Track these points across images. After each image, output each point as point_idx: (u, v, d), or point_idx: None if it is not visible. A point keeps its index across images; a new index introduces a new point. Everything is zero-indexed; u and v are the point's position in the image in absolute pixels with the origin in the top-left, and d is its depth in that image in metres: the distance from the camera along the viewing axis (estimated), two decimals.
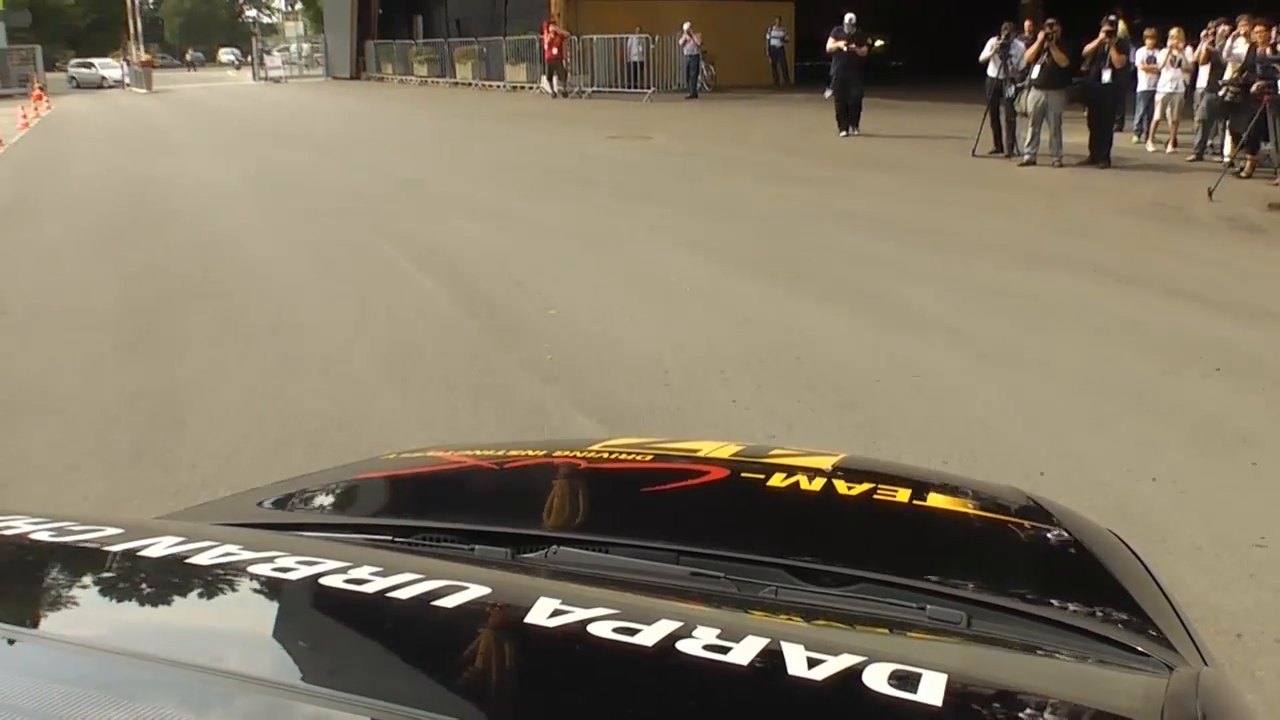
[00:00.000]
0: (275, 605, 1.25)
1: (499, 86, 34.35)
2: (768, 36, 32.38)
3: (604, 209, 12.24)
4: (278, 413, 5.75)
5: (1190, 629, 1.65)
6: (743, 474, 2.14)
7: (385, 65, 45.07)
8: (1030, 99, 14.99)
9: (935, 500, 2.02)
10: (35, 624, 1.16)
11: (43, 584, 1.30)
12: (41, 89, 40.73)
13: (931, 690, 1.03)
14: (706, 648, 1.08)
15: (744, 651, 1.08)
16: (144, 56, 47.25)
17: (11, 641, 1.06)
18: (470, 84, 36.24)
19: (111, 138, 23.52)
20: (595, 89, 30.26)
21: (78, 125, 27.61)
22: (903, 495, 1.99)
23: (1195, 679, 1.30)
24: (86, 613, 1.22)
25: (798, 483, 1.99)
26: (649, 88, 29.05)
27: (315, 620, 1.23)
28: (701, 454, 2.23)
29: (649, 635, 1.10)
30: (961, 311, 7.53)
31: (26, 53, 44.94)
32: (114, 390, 6.16)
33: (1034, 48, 14.95)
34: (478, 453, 2.34)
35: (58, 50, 68.25)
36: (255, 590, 1.25)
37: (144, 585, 1.30)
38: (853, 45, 18.79)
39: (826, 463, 2.12)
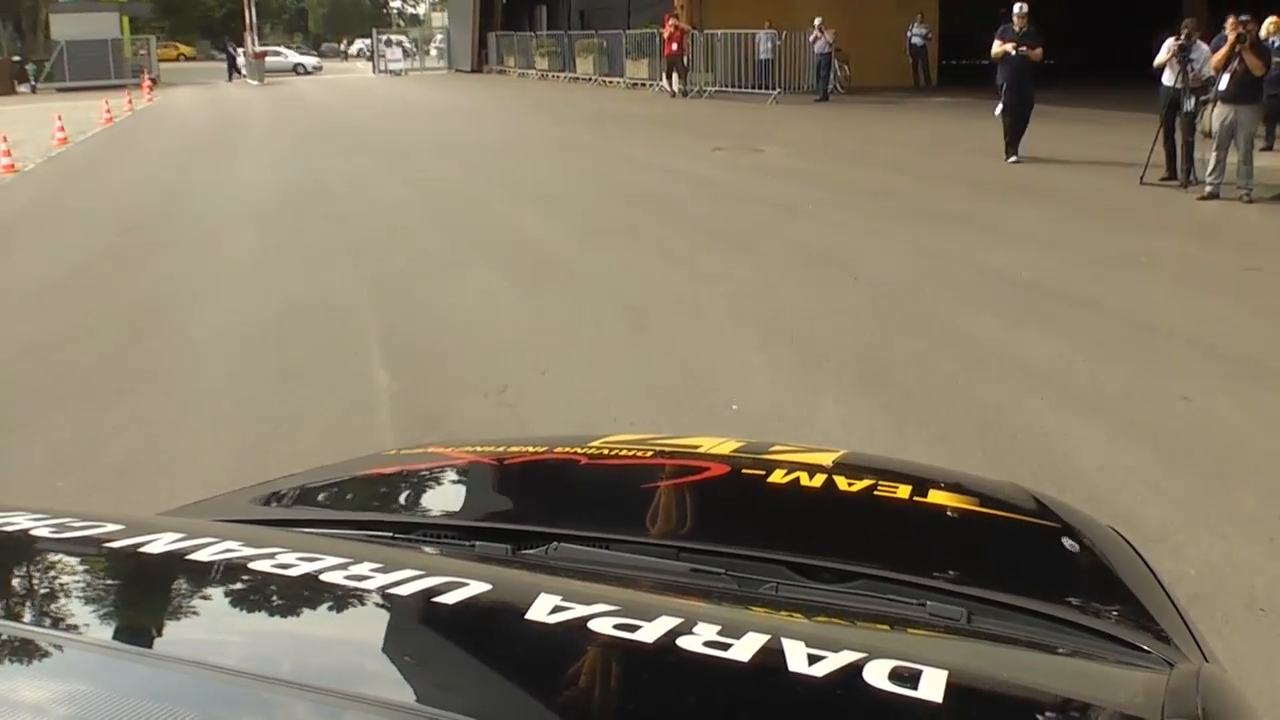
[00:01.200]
0: (276, 602, 1.24)
1: (618, 83, 32.39)
2: (908, 34, 29.21)
3: (673, 258, 9.58)
4: None
5: (1191, 625, 1.64)
6: (743, 470, 2.17)
7: (507, 58, 43.65)
8: (1215, 115, 12.00)
9: (936, 497, 2.01)
10: (35, 621, 1.15)
11: (43, 580, 1.29)
12: (154, 80, 40.96)
13: (932, 686, 1.03)
14: (707, 644, 1.08)
15: (744, 648, 1.08)
16: (257, 49, 46.55)
17: (11, 639, 1.06)
18: (590, 79, 34.33)
19: (180, 136, 22.50)
20: (718, 88, 27.79)
21: (159, 122, 26.42)
22: (903, 492, 1.98)
23: (1196, 675, 1.29)
24: (86, 609, 1.21)
25: (798, 479, 1.98)
26: (775, 89, 26.47)
27: (316, 616, 1.22)
28: (702, 450, 2.22)
29: (649, 632, 1.10)
30: (1198, 515, 4.57)
31: (142, 42, 44.94)
32: None
33: (1222, 52, 11.79)
34: (478, 449, 2.34)
35: (193, 40, 67.72)
36: (256, 587, 1.24)
37: (144, 582, 1.30)
38: (1024, 47, 14.64)
39: (827, 459, 2.13)
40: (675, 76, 28.33)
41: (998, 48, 14.82)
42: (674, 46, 28.02)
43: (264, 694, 0.97)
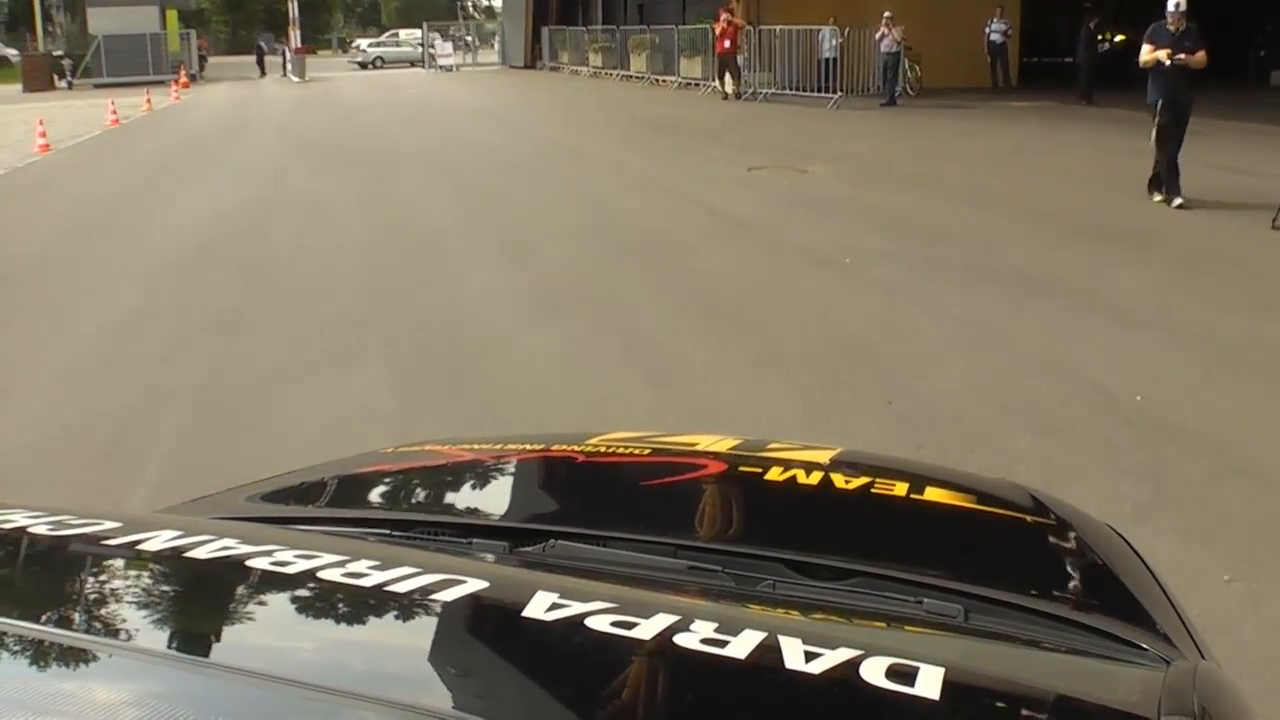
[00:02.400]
0: (273, 599, 1.26)
1: (671, 82, 30.22)
2: (986, 30, 26.28)
3: (641, 347, 7.13)
4: None
5: (1187, 623, 1.64)
6: (740, 468, 2.16)
7: (561, 53, 41.70)
8: None
9: (933, 494, 2.00)
10: (33, 618, 1.14)
11: (41, 577, 1.32)
12: (192, 77, 40.43)
13: (929, 684, 1.03)
14: (704, 641, 1.09)
15: (741, 645, 1.08)
16: (298, 44, 44.81)
17: (10, 636, 1.06)
18: (643, 77, 32.16)
19: (169, 144, 20.79)
20: (775, 90, 25.20)
21: (161, 126, 24.78)
22: (900, 489, 1.98)
23: (1192, 673, 1.29)
24: (85, 607, 1.21)
25: (795, 477, 1.99)
26: (837, 92, 23.72)
27: (313, 614, 1.23)
28: (700, 448, 2.22)
29: (646, 629, 1.10)
30: None
31: (186, 36, 44.53)
32: None
33: None
34: (475, 447, 2.37)
35: (255, 32, 66.08)
36: (253, 584, 1.24)
37: (142, 579, 1.30)
38: (1181, 54, 11.00)
39: (824, 457, 2.14)
40: (728, 76, 26.09)
41: (1148, 54, 11.29)
42: (726, 44, 25.75)
43: (261, 691, 0.96)
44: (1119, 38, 24.44)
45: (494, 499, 2.16)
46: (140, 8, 40.20)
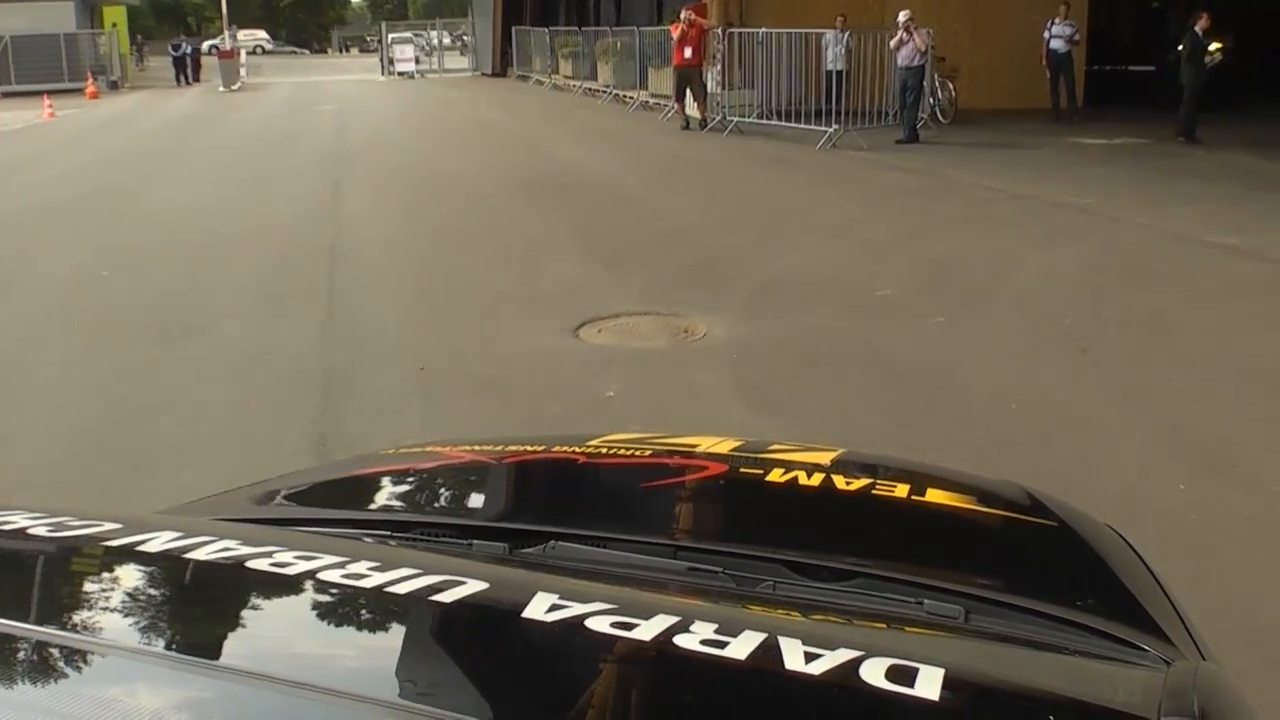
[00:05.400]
0: (273, 600, 1.31)
1: (632, 100, 25.31)
2: (1046, 34, 20.18)
3: None
4: None
5: (1188, 624, 1.67)
6: (741, 469, 2.21)
7: (534, 59, 36.96)
8: None
9: (934, 495, 2.05)
10: (33, 619, 1.18)
11: (40, 579, 1.34)
12: (113, 83, 37.29)
13: (929, 685, 1.05)
14: (704, 642, 1.11)
15: (741, 646, 1.10)
16: (227, 45, 41.84)
17: (9, 638, 1.09)
18: (607, 91, 27.69)
19: None
20: (758, 116, 19.44)
21: None
22: (901, 490, 2.03)
23: (1193, 674, 1.32)
24: (84, 608, 1.25)
25: (796, 478, 2.03)
26: (834, 123, 17.58)
27: (313, 615, 1.26)
28: (700, 449, 2.27)
29: (646, 630, 1.12)
30: None
31: (102, 39, 39.91)
32: None
33: None
34: (475, 448, 2.37)
35: (171, 33, 59.26)
36: (253, 586, 1.28)
37: (142, 580, 1.33)
38: None
39: (825, 458, 2.17)
40: (690, 97, 20.41)
41: None
42: (687, 53, 19.94)
43: (260, 693, 0.98)
44: (1214, 46, 16.85)
45: (494, 500, 2.21)
46: (53, 3, 36.79)
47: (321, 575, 1.21)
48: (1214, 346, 7.16)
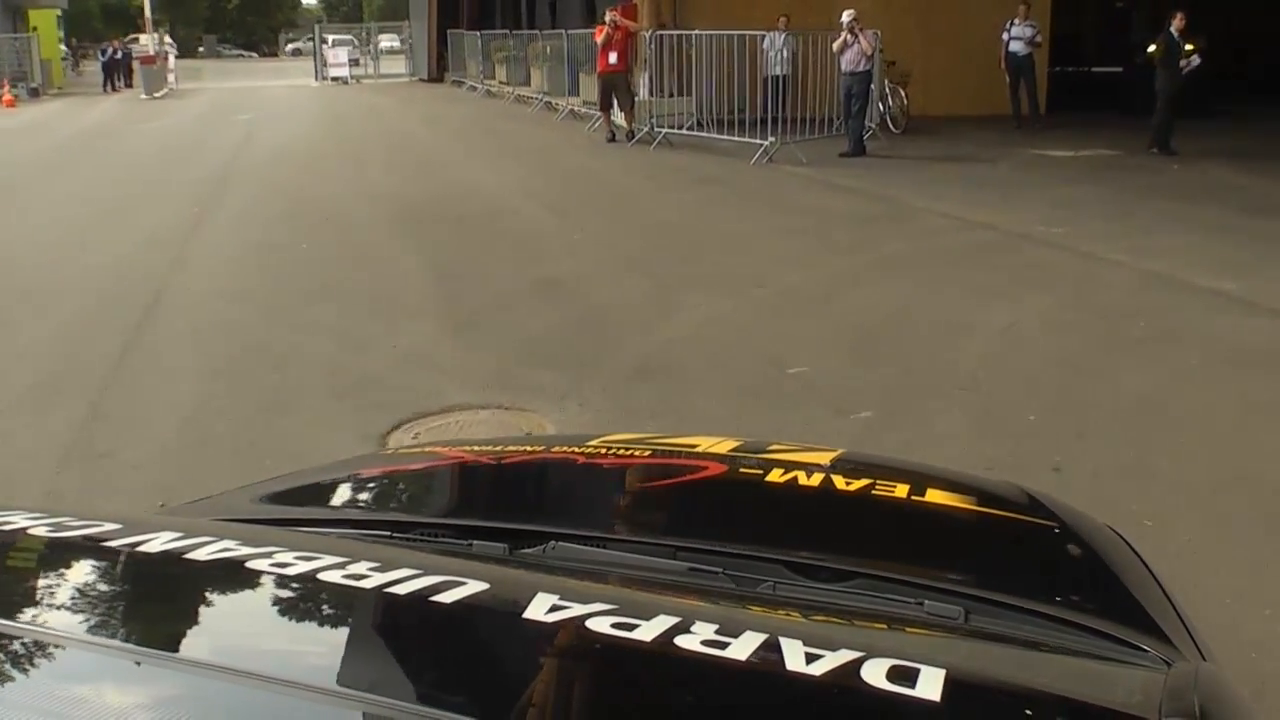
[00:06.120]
0: (273, 601, 1.30)
1: (560, 107, 23.91)
2: (1005, 35, 19.19)
3: None
4: None
5: (1188, 624, 1.67)
6: (741, 469, 2.22)
7: (470, 63, 34.67)
8: None
9: (934, 496, 2.05)
10: (33, 619, 1.18)
11: (40, 579, 1.34)
12: (34, 90, 35.42)
13: (929, 685, 1.06)
14: (704, 643, 1.11)
15: (742, 647, 1.11)
16: (149, 50, 39.76)
17: (9, 638, 1.09)
18: (539, 99, 26.15)
19: None
20: (690, 127, 18.19)
21: None
22: (901, 491, 2.02)
23: (1193, 674, 1.32)
24: (84, 608, 1.23)
25: (796, 478, 2.03)
26: (770, 136, 16.13)
27: (313, 616, 1.27)
28: (700, 449, 2.26)
29: (647, 630, 1.13)
30: None
31: (21, 43, 37.83)
32: None
33: None
34: (475, 448, 2.43)
35: (196, 36, 57.61)
36: (253, 586, 1.28)
37: (142, 580, 1.34)
38: None
39: (825, 458, 2.18)
40: (616, 106, 18.82)
41: None
42: (611, 58, 18.20)
43: (260, 693, 0.99)
44: (1189, 48, 15.46)
45: (494, 500, 2.20)
46: None
47: (322, 576, 1.22)
48: (1222, 453, 5.38)
